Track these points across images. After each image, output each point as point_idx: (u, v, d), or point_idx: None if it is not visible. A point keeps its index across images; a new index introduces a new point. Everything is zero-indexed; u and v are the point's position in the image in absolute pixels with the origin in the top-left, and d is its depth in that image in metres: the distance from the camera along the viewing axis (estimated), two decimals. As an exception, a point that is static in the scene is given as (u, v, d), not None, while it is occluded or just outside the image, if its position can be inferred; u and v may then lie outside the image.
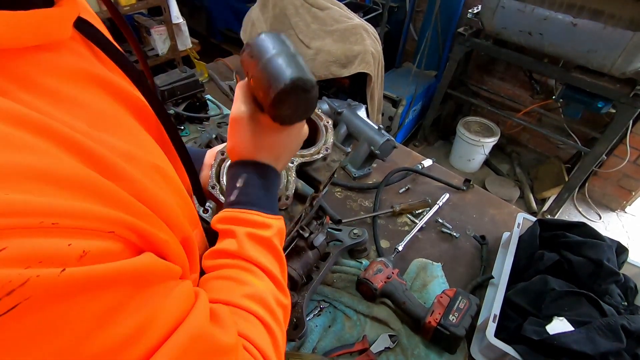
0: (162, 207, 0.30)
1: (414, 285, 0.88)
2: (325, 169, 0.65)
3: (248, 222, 0.44)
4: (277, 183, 0.49)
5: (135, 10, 2.39)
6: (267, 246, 0.44)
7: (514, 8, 1.92)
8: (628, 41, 1.64)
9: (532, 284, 0.79)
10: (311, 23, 1.55)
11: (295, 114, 0.44)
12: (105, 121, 0.31)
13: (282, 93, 0.40)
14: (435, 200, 1.07)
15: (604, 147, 2.04)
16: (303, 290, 0.76)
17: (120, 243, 0.25)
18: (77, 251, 0.21)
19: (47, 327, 0.20)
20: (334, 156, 0.66)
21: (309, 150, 0.62)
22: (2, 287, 0.18)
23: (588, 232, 0.85)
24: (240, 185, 0.46)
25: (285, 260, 0.47)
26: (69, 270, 0.20)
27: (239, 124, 0.45)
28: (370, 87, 1.62)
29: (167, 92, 1.16)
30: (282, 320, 0.42)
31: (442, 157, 2.91)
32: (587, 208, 2.62)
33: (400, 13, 2.83)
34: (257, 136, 0.46)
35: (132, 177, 0.28)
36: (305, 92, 0.41)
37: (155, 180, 0.33)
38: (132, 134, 0.34)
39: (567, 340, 0.65)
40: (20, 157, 0.21)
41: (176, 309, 0.28)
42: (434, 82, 2.81)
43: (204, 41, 3.33)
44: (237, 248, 0.41)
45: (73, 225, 0.22)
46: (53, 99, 0.27)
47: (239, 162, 0.47)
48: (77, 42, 0.33)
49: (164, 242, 0.29)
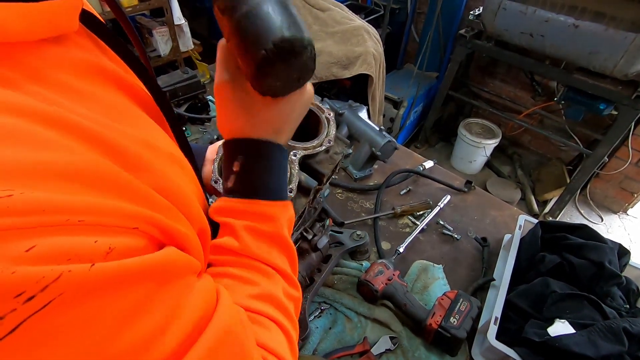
0: (181, 198, 0.30)
1: (415, 287, 0.88)
2: (329, 161, 0.64)
3: (247, 214, 0.39)
4: (280, 159, 0.42)
5: (137, 11, 2.39)
6: (271, 239, 0.40)
7: (515, 10, 1.92)
8: (630, 43, 1.64)
9: (533, 286, 0.78)
10: (312, 24, 1.55)
11: (288, 83, 0.35)
12: (120, 113, 0.30)
13: (265, 62, 0.30)
14: (437, 201, 1.07)
15: (605, 149, 2.04)
16: (305, 292, 0.76)
17: (144, 239, 0.25)
18: (103, 248, 0.21)
19: (79, 323, 0.20)
20: (336, 148, 0.65)
21: (311, 143, 0.60)
22: (37, 283, 0.18)
23: (590, 234, 0.85)
24: (236, 170, 0.40)
25: (294, 249, 0.43)
26: (98, 265, 0.21)
27: (223, 95, 0.39)
28: (371, 88, 1.62)
29: (168, 93, 1.17)
30: (293, 314, 0.40)
31: (443, 158, 2.91)
32: (588, 210, 2.61)
33: (402, 14, 2.83)
34: (248, 108, 0.39)
35: (153, 168, 0.28)
36: (296, 56, 0.31)
37: (173, 170, 0.32)
38: (147, 125, 0.33)
39: (569, 343, 0.65)
40: (42, 154, 0.21)
41: (202, 302, 0.28)
42: (435, 83, 2.81)
43: (205, 42, 3.33)
44: (238, 245, 0.38)
45: (98, 222, 0.22)
46: (66, 92, 0.27)
47: (234, 140, 0.40)
48: (82, 35, 0.32)
49: (185, 235, 0.28)
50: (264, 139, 0.40)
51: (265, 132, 0.40)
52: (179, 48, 2.69)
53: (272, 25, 0.30)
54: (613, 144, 2.03)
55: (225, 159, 0.41)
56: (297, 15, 0.32)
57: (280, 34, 0.29)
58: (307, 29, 0.32)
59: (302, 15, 1.54)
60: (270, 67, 0.31)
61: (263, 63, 0.30)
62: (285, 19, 0.30)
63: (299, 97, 0.41)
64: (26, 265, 0.18)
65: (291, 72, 0.33)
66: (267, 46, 0.30)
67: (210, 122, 1.27)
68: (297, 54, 0.31)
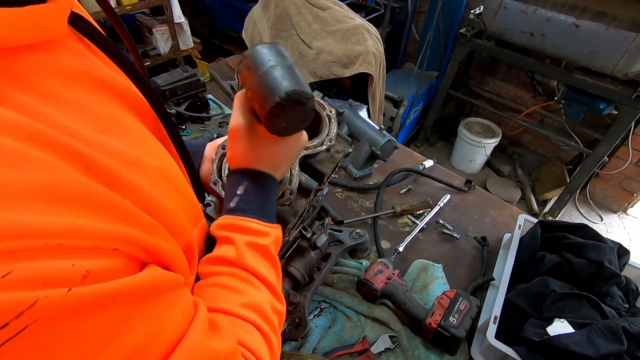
0: (166, 215, 0.30)
1: (415, 287, 0.88)
2: (329, 160, 0.64)
3: (248, 230, 0.44)
4: (274, 191, 0.50)
5: (137, 9, 2.39)
6: (265, 254, 0.44)
7: (516, 9, 1.91)
8: (630, 43, 1.63)
9: (533, 285, 0.79)
10: (313, 23, 1.55)
11: (291, 125, 0.44)
12: (108, 123, 0.30)
13: (277, 106, 0.40)
14: (436, 201, 1.07)
15: (605, 148, 2.04)
16: (305, 290, 0.76)
17: (124, 259, 0.25)
18: (80, 271, 0.21)
19: (54, 348, 0.20)
20: (337, 147, 0.65)
21: (312, 142, 0.60)
22: (11, 310, 0.18)
23: (589, 233, 0.85)
24: (240, 193, 0.46)
25: (280, 267, 0.48)
26: (75, 290, 0.20)
27: (237, 135, 0.46)
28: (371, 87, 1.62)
29: (168, 91, 1.17)
30: (277, 327, 0.42)
31: (443, 158, 2.91)
32: (588, 210, 2.61)
33: (402, 13, 2.82)
34: (256, 147, 0.46)
35: (137, 186, 0.28)
36: (300, 105, 0.41)
37: (159, 186, 0.32)
38: (136, 135, 0.33)
39: (568, 342, 0.65)
40: (23, 173, 0.21)
41: (181, 320, 0.29)
42: (435, 82, 2.80)
43: (205, 41, 3.33)
44: (236, 256, 0.42)
45: (77, 245, 0.22)
46: (53, 102, 0.26)
47: (241, 170, 0.47)
48: (72, 39, 0.32)
49: (168, 252, 0.29)
50: (265, 171, 0.48)
51: (266, 167, 0.48)
52: (179, 46, 2.69)
53: (285, 81, 0.40)
54: (613, 144, 2.03)
55: (230, 185, 0.48)
56: (302, 77, 0.42)
57: (292, 88, 0.40)
58: (309, 87, 0.42)
59: (303, 15, 1.54)
60: (281, 110, 0.40)
61: (276, 107, 0.40)
62: (294, 79, 0.41)
63: (296, 141, 0.49)
64: (1, 292, 0.18)
65: (296, 117, 0.43)
66: (281, 95, 0.39)
67: (210, 120, 1.27)
68: (302, 104, 0.41)
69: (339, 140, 0.66)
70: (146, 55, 2.58)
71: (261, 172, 0.47)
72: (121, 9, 2.25)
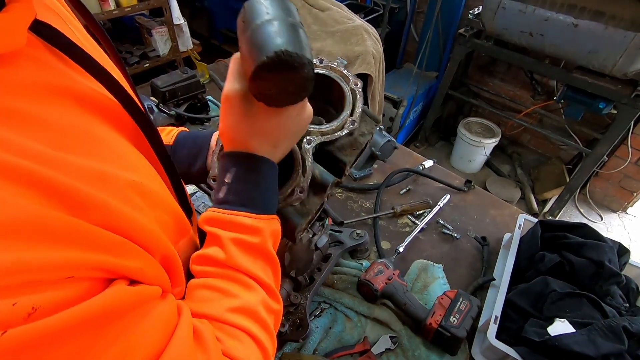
0: (136, 231, 0.29)
1: (415, 287, 0.88)
2: (352, 146, 0.51)
3: (235, 225, 0.40)
4: (272, 175, 0.44)
5: (136, 11, 2.39)
6: (257, 251, 0.41)
7: (515, 9, 1.92)
8: (629, 42, 1.64)
9: (533, 285, 0.79)
10: (312, 24, 1.55)
11: (283, 95, 0.37)
12: (75, 139, 0.28)
13: (263, 67, 0.33)
14: (436, 201, 1.07)
15: (605, 148, 2.04)
16: (305, 291, 0.76)
17: (83, 284, 0.24)
18: (24, 309, 0.20)
19: None
20: (363, 128, 0.52)
21: (330, 125, 0.49)
22: None
23: (589, 233, 0.85)
24: (228, 181, 0.42)
25: (278, 262, 0.44)
26: (11, 332, 0.19)
27: (230, 103, 0.40)
28: (371, 87, 1.62)
29: (168, 92, 1.17)
30: (272, 328, 0.40)
31: (443, 158, 2.91)
32: (588, 209, 2.61)
33: (401, 14, 2.83)
34: (251, 119, 0.40)
35: (101, 203, 0.26)
36: (293, 70, 0.34)
37: (130, 200, 0.30)
38: (108, 148, 0.31)
39: (569, 342, 0.65)
40: None
41: (159, 332, 0.28)
42: (434, 83, 2.81)
43: (205, 42, 3.33)
44: (224, 257, 0.39)
45: (22, 281, 0.20)
46: (8, 120, 0.24)
47: (230, 153, 0.43)
48: (38, 48, 0.29)
49: (136, 270, 0.28)
50: (260, 152, 0.42)
51: (262, 145, 0.42)
52: (178, 48, 2.69)
53: (279, 38, 0.33)
54: (612, 143, 2.03)
55: (220, 171, 0.43)
56: (304, 39, 0.34)
57: (284, 47, 0.32)
58: (311, 53, 0.34)
59: (302, 15, 1.54)
60: (267, 73, 0.33)
61: (262, 67, 0.33)
62: (292, 37, 0.33)
63: (298, 113, 0.42)
64: None
65: (287, 84, 0.35)
66: (269, 54, 0.32)
67: (209, 122, 1.27)
68: (295, 69, 0.33)
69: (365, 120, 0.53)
70: (145, 56, 2.58)
71: (252, 155, 0.42)
72: (120, 11, 2.25)
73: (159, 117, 1.14)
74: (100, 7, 2.16)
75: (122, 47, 2.60)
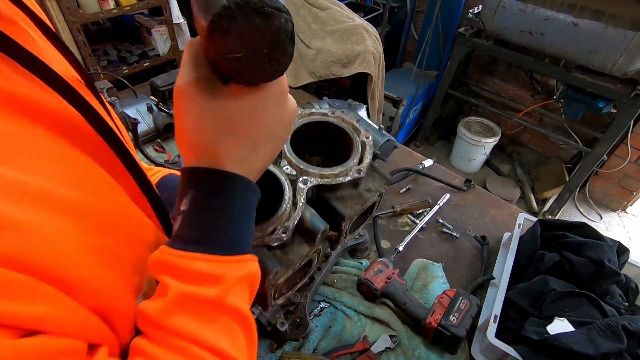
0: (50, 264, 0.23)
1: (415, 286, 0.88)
2: (355, 199, 0.46)
3: (186, 272, 0.30)
4: (249, 200, 0.34)
5: (136, 10, 2.39)
6: (214, 307, 0.31)
7: (514, 8, 1.92)
8: (629, 41, 1.64)
9: (532, 284, 0.79)
10: (312, 23, 1.55)
11: (254, 60, 0.28)
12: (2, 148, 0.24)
13: (223, 13, 0.24)
14: (436, 200, 1.07)
15: (605, 147, 2.04)
16: (305, 290, 0.76)
17: None
18: None
19: None
20: (370, 184, 0.47)
21: (332, 170, 0.44)
22: None
23: (589, 232, 0.85)
24: (184, 209, 0.32)
25: (248, 319, 0.33)
26: None
27: (187, 96, 0.30)
28: (371, 87, 1.62)
29: (167, 92, 1.17)
30: None
31: (442, 157, 2.91)
32: (588, 208, 2.62)
33: (401, 13, 2.83)
34: (216, 111, 0.31)
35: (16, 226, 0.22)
36: (264, 17, 0.25)
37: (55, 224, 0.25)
38: (47, 159, 0.27)
39: (568, 341, 0.65)
40: None
41: None
42: (434, 82, 2.81)
43: (204, 41, 3.32)
44: (160, 317, 0.29)
45: None
46: None
47: (188, 169, 0.32)
48: None
49: (36, 317, 0.22)
50: (229, 168, 0.32)
51: (236, 146, 0.32)
52: (177, 47, 2.69)
53: None
54: (612, 142, 2.04)
55: (179, 195, 0.33)
56: None
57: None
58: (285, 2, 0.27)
59: (302, 15, 1.54)
60: (228, 20, 0.24)
61: (221, 13, 0.24)
62: None
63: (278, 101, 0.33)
64: None
65: (257, 41, 0.26)
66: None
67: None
68: (265, 16, 0.25)
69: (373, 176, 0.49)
70: (145, 55, 2.58)
71: (217, 171, 0.32)
72: (120, 10, 2.25)
73: (159, 116, 1.14)
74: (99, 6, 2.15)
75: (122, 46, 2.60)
